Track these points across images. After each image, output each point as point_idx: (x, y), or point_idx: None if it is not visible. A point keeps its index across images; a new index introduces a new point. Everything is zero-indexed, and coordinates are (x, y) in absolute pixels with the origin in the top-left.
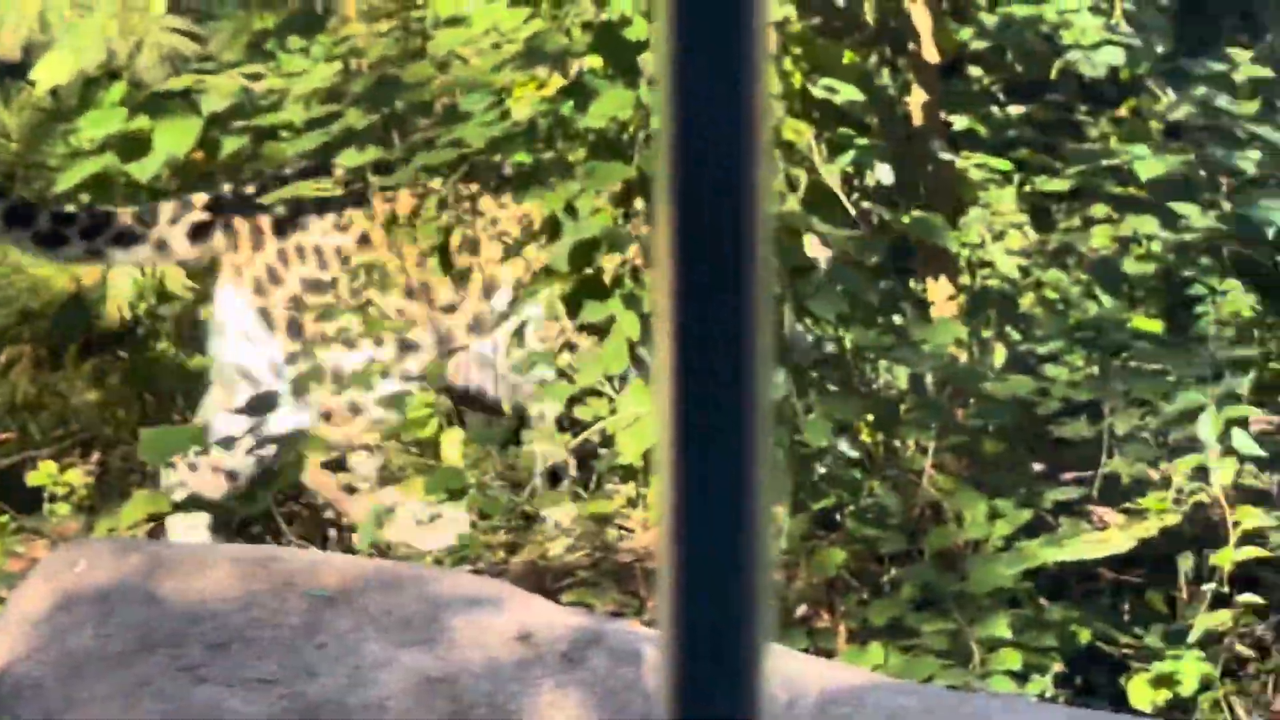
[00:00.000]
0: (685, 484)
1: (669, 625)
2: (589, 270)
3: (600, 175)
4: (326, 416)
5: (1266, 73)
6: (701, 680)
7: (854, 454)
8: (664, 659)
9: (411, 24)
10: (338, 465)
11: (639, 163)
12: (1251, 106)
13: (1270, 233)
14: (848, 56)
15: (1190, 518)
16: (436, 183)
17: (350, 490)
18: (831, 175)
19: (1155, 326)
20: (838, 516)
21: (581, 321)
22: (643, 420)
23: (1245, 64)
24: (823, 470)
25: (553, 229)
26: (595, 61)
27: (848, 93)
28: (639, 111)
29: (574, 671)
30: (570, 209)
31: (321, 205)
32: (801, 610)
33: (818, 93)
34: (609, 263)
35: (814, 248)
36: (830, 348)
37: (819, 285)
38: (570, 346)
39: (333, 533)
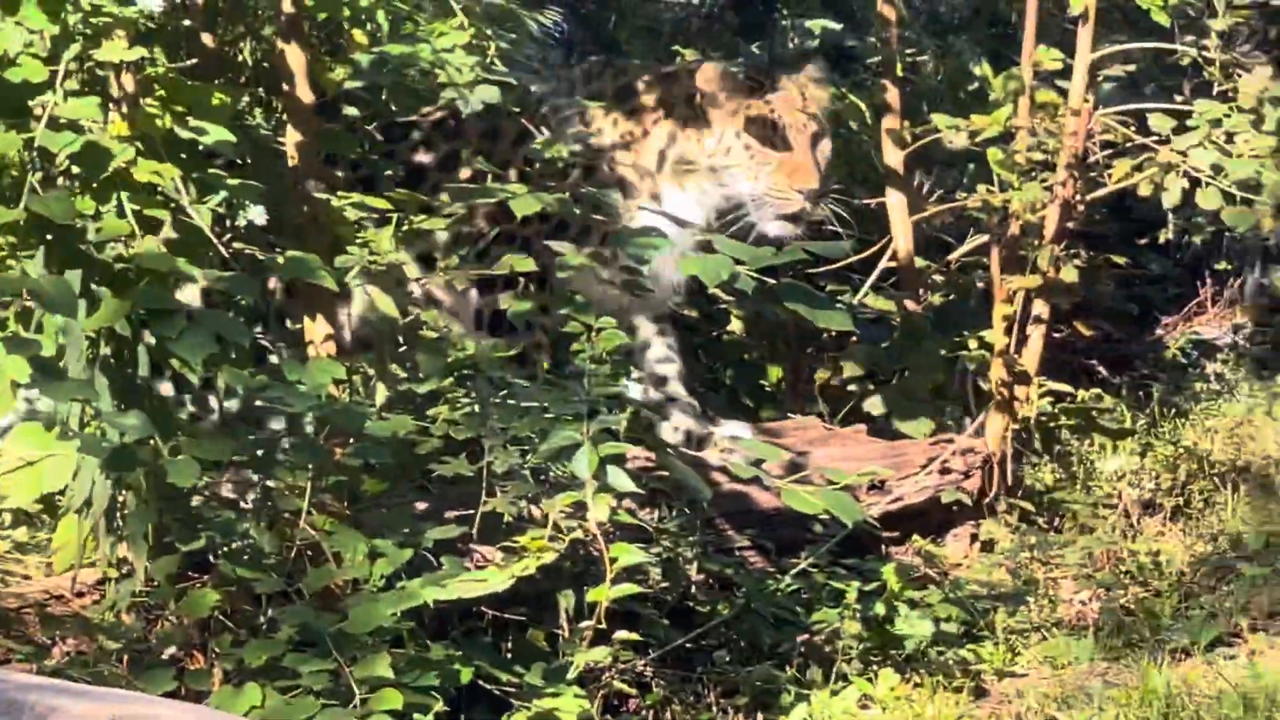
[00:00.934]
0: None
1: None
2: None
3: None
4: None
5: None
6: None
7: (228, 495)
8: None
9: None
10: None
11: (27, 204)
12: None
13: (646, 270)
14: (218, 98)
15: (570, 555)
16: None
17: None
18: (200, 216)
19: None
20: (211, 557)
21: None
22: (36, 464)
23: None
24: (192, 511)
25: None
26: None
27: (218, 134)
28: (28, 153)
29: None
30: None
31: None
32: (170, 652)
33: (186, 134)
34: None
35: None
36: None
37: (183, 328)
38: None
39: None
